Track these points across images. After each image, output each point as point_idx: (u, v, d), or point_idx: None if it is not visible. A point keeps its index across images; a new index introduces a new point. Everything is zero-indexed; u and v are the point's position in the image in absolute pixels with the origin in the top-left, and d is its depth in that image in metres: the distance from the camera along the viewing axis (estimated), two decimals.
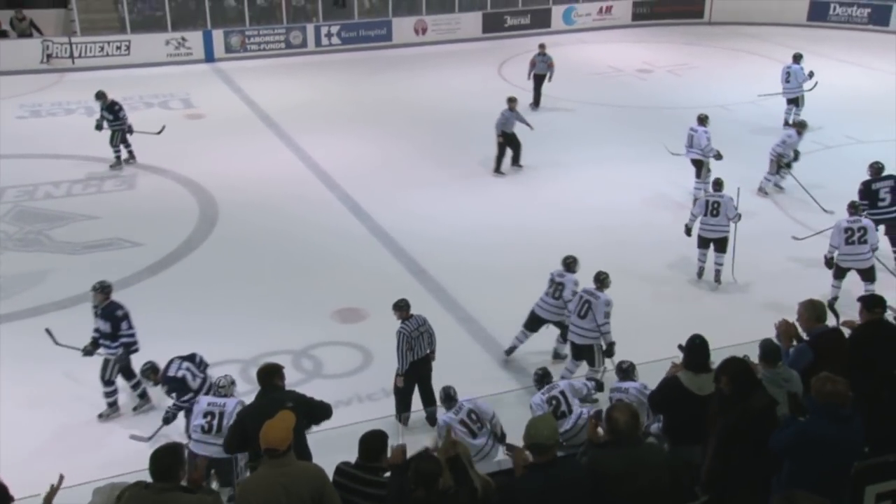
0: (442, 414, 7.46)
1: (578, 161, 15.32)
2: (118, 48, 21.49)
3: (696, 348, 5.88)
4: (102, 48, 21.40)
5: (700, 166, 13.32)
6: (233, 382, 7.43)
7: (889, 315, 6.27)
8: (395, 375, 8.38)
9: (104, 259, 11.91)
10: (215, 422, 7.05)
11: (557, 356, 9.61)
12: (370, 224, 13.00)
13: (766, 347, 5.89)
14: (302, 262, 11.78)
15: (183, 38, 21.87)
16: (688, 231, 11.18)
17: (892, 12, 23.56)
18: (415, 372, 8.32)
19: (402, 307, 8.31)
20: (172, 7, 21.93)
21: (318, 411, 6.18)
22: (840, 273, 10.26)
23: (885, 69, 16.65)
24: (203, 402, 7.28)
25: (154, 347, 8.66)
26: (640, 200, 13.74)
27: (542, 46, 18.16)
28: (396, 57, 22.57)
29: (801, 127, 13.71)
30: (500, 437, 7.24)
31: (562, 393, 7.21)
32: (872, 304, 6.11)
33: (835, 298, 10.10)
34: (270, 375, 6.17)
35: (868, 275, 10.18)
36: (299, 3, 23.18)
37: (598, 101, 18.73)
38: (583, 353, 8.83)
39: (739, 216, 10.89)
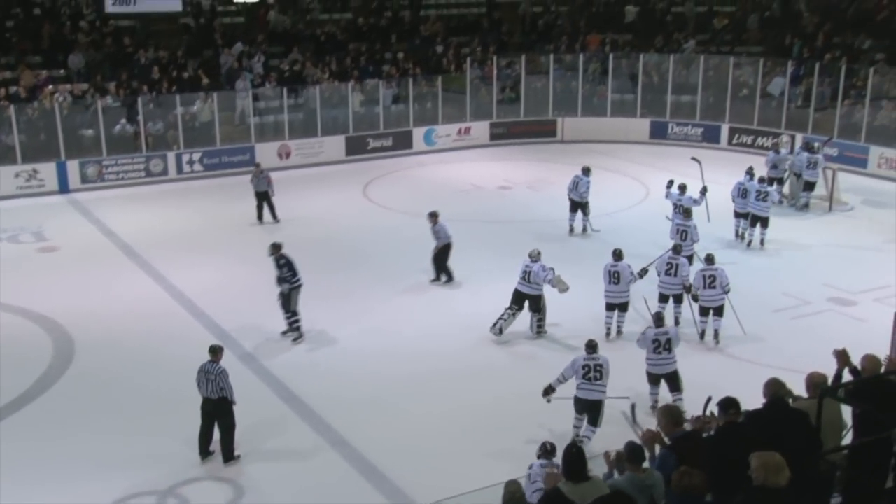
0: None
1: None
2: None
3: (572, 457, 5.94)
4: None
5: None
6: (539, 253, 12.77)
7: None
8: None
9: None
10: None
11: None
12: (239, 352, 12.67)
13: (630, 449, 6.06)
14: (166, 397, 11.27)
15: (35, 170, 21.21)
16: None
17: (721, 131, 25.79)
18: (205, 407, 9.71)
19: (213, 350, 9.86)
20: (23, 139, 21.33)
21: None
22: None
23: (718, 180, 18.24)
24: None
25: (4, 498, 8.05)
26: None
27: (257, 165, 19.53)
28: None
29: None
30: None
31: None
32: (727, 406, 6.41)
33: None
34: None
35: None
36: (158, 131, 23.01)
37: (462, 217, 19.16)
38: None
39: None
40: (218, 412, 9.69)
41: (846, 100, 23.59)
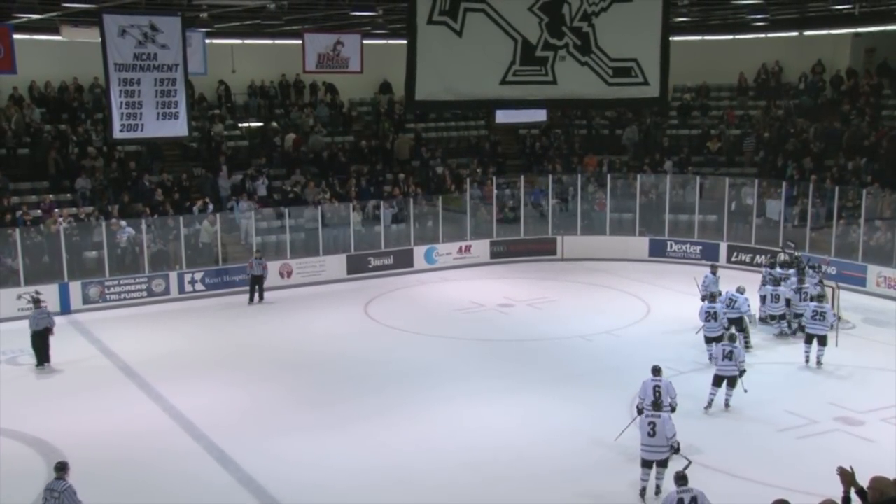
0: None
1: (446, 397, 15.40)
2: None
3: None
4: None
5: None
6: None
7: None
8: None
9: None
10: None
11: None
12: (238, 474, 12.42)
13: None
14: None
15: (37, 292, 21.27)
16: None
17: (719, 249, 25.99)
18: None
19: (60, 468, 9.92)
20: (26, 262, 21.50)
21: None
22: None
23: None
24: None
25: None
26: (510, 433, 13.81)
27: (258, 252, 22.63)
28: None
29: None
30: None
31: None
32: None
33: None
34: None
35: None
36: (161, 250, 23.22)
37: (463, 336, 19.20)
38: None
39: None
40: None
41: (841, 220, 23.94)
